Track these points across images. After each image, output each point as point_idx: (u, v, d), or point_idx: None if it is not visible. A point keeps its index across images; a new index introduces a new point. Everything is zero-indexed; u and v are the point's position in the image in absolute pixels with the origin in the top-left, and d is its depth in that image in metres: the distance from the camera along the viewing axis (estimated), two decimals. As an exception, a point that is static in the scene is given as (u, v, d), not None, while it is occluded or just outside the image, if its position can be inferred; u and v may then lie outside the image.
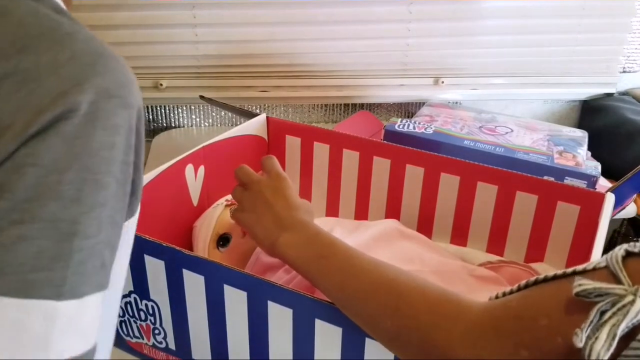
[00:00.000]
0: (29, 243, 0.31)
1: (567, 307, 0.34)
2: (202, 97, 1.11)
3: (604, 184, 1.06)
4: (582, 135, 1.10)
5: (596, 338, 0.30)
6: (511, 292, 0.39)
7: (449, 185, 0.80)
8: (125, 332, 0.66)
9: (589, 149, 1.39)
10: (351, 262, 0.51)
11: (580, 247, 0.73)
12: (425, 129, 1.02)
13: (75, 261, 0.32)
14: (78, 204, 0.32)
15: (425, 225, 0.84)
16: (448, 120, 1.10)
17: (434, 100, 1.31)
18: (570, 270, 0.35)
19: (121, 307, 0.64)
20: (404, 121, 1.05)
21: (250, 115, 0.89)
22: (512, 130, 1.07)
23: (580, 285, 0.32)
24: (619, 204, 0.73)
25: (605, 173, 1.16)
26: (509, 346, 0.36)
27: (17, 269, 0.30)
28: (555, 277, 0.36)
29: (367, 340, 0.50)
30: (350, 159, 0.86)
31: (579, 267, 0.35)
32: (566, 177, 0.90)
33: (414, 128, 1.02)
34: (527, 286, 0.38)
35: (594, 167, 0.95)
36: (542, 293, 0.37)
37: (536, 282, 0.37)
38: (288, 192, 0.61)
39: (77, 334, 0.33)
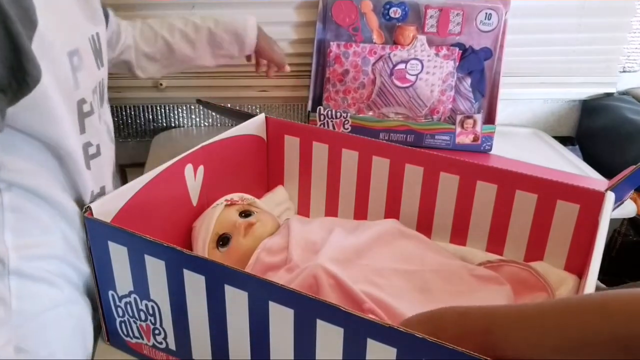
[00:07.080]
0: None
1: None
2: (198, 100, 1.10)
3: (603, 183, 1.06)
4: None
5: None
6: None
7: (448, 184, 0.80)
8: (125, 333, 0.66)
9: (589, 149, 1.40)
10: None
11: (580, 246, 0.73)
12: (344, 124, 1.17)
13: None
14: None
15: (424, 225, 0.83)
16: (357, 75, 1.17)
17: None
18: None
19: (121, 308, 0.64)
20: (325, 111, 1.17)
21: (248, 116, 0.89)
22: (421, 67, 1.15)
23: None
24: (617, 200, 0.73)
25: (605, 173, 1.16)
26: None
27: None
28: None
29: (369, 340, 0.49)
30: (350, 158, 0.85)
31: None
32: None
33: (333, 126, 1.16)
34: None
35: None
36: None
37: None
38: None
39: None
